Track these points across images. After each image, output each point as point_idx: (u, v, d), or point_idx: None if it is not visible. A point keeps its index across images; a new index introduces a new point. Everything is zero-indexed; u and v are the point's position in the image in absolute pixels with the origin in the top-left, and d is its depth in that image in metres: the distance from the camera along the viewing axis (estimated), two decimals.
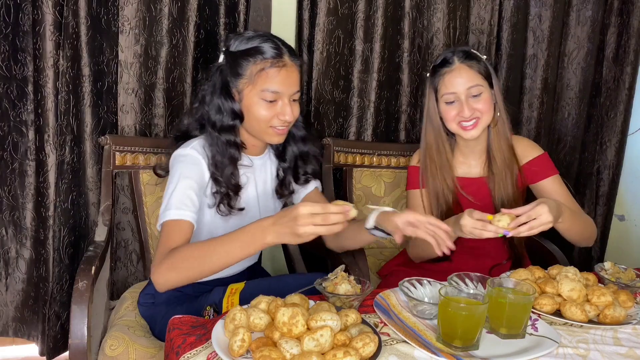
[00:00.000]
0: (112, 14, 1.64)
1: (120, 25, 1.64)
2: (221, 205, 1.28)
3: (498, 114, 1.44)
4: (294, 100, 1.28)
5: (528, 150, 1.50)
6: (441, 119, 1.46)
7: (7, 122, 1.64)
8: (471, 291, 1.06)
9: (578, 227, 1.35)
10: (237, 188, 1.30)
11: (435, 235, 1.15)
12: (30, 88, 1.63)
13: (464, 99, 1.39)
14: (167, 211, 1.15)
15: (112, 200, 1.56)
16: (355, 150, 1.88)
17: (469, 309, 0.94)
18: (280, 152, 1.42)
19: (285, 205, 1.47)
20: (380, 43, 1.91)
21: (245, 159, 1.33)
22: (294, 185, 1.44)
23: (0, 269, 1.72)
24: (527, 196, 1.53)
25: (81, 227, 1.73)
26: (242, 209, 1.32)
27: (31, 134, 1.66)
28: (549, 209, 1.16)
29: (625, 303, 1.14)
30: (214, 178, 1.26)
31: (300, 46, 1.88)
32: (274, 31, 1.85)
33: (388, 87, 1.99)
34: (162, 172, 1.48)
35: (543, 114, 2.18)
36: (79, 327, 1.16)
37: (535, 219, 1.16)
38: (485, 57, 1.45)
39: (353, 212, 1.04)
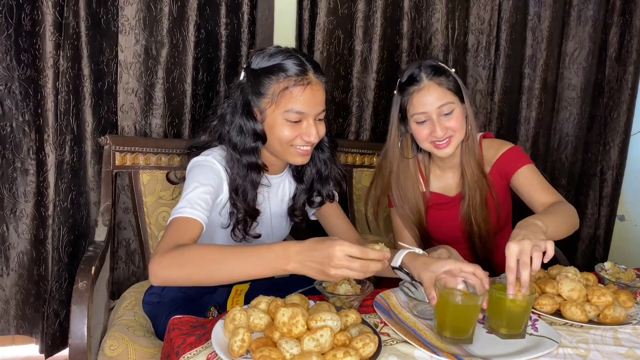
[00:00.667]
0: (112, 14, 1.64)
1: (120, 25, 1.64)
2: (236, 230, 1.24)
3: (469, 127, 1.37)
4: (319, 119, 1.21)
5: (496, 151, 1.43)
6: (412, 137, 1.41)
7: (9, 121, 1.64)
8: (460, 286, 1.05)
9: (564, 228, 1.25)
10: (255, 213, 1.24)
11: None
12: (31, 88, 1.63)
13: (435, 118, 1.31)
14: (181, 209, 1.10)
15: (113, 200, 1.56)
16: (355, 150, 1.87)
17: (460, 299, 0.96)
18: (298, 172, 1.35)
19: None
20: (379, 43, 1.91)
21: (263, 179, 1.26)
22: (308, 208, 1.38)
23: (2, 266, 1.72)
24: (517, 204, 1.49)
25: (82, 226, 1.73)
26: (257, 236, 1.26)
27: (32, 134, 1.66)
28: (512, 239, 1.03)
29: (625, 303, 1.14)
30: (233, 203, 1.21)
31: (300, 46, 1.88)
32: (275, 31, 1.85)
33: (387, 87, 1.99)
34: (175, 179, 1.46)
35: (542, 113, 2.18)
36: (79, 327, 1.15)
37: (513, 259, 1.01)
38: (453, 70, 1.36)
39: (388, 254, 0.95)
